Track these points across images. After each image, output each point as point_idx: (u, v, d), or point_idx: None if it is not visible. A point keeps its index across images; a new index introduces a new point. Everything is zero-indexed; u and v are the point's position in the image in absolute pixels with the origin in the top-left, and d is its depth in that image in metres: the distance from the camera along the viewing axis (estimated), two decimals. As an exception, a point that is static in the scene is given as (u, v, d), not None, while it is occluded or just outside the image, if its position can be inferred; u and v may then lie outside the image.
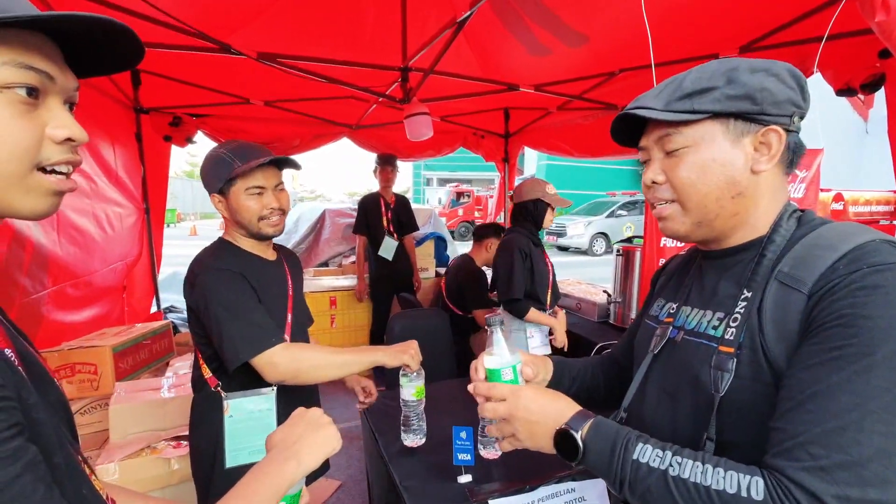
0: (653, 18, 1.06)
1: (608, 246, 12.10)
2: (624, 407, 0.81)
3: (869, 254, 0.54)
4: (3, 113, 0.39)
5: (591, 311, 2.90)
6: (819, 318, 0.54)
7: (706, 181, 0.65)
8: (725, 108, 0.62)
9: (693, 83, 0.64)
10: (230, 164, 1.15)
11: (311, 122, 3.38)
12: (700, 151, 0.65)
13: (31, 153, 0.41)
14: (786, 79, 0.62)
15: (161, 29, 1.69)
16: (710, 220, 0.67)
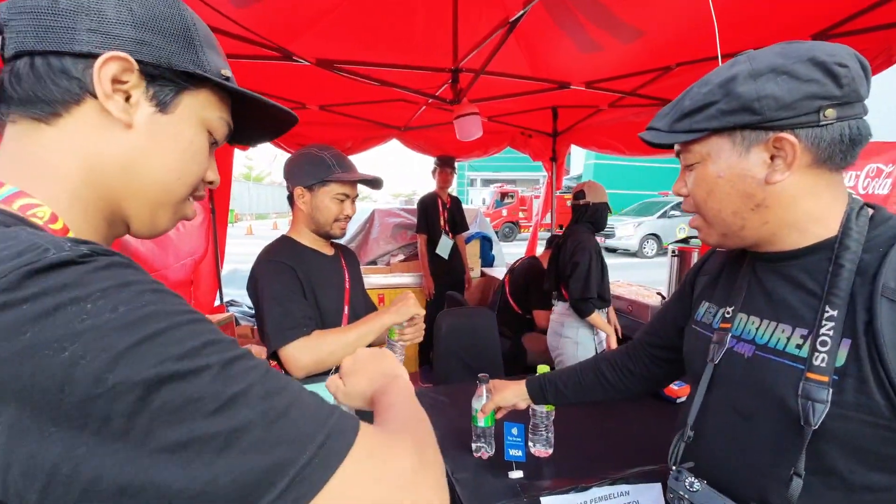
0: (717, 5, 1.02)
1: (659, 248, 11.61)
2: (691, 424, 0.74)
3: None
4: (202, 150, 0.52)
5: (643, 314, 2.81)
6: None
7: (717, 197, 0.64)
8: (722, 125, 0.60)
9: (692, 101, 0.63)
10: (330, 168, 1.24)
11: (363, 124, 3.48)
12: (708, 167, 0.64)
13: (198, 180, 0.53)
14: (802, 73, 0.56)
15: (226, 39, 1.81)
16: (735, 232, 0.65)
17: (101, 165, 0.44)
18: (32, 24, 0.42)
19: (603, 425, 1.51)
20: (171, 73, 0.47)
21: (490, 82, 2.56)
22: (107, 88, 0.43)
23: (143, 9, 0.45)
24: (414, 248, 4.00)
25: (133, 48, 0.44)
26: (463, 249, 3.75)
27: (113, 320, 0.31)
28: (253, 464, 0.31)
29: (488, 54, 2.05)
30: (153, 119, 0.46)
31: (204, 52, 0.49)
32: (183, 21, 0.48)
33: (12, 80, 0.42)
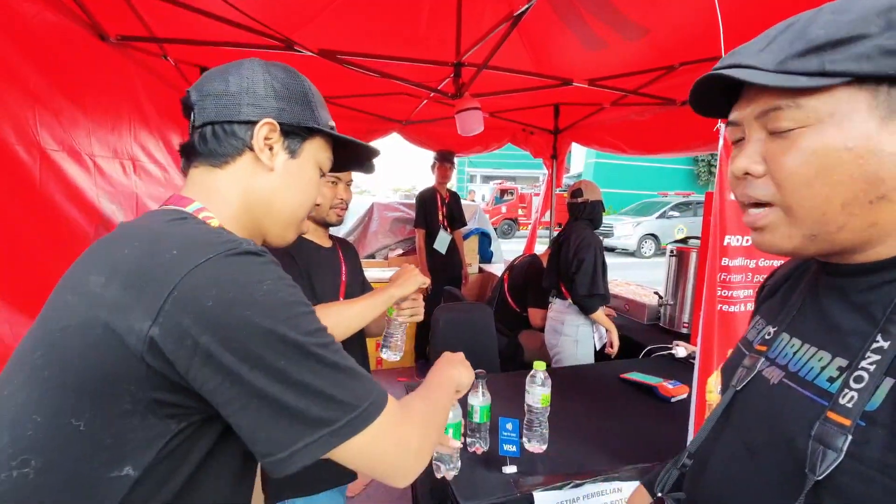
0: (724, 4, 1.01)
1: (657, 248, 11.63)
2: (689, 452, 0.63)
3: None
4: (316, 183, 0.71)
5: (640, 313, 2.82)
6: None
7: (830, 179, 0.43)
8: (879, 69, 0.40)
9: (827, 29, 0.42)
10: None
11: (364, 117, 3.46)
12: (826, 133, 0.43)
13: (313, 205, 0.73)
14: None
15: (229, 27, 1.79)
16: (830, 233, 0.46)
17: (253, 195, 0.65)
18: (214, 104, 0.63)
19: (597, 423, 1.51)
20: (298, 129, 0.66)
21: (492, 77, 2.54)
22: (261, 144, 0.63)
23: (280, 85, 0.65)
24: (412, 243, 4.00)
25: (276, 114, 0.64)
26: (461, 245, 3.75)
27: (275, 299, 0.51)
28: (337, 404, 0.51)
29: (491, 49, 2.04)
30: (287, 163, 0.66)
31: (318, 111, 0.69)
32: (304, 90, 0.67)
33: (201, 140, 0.63)
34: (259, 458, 0.50)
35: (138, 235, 0.53)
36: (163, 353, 0.46)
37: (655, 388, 1.72)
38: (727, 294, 1.04)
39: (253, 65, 0.65)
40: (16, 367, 0.50)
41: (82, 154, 1.56)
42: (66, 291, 0.51)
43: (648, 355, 2.25)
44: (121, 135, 1.91)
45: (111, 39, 1.72)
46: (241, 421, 0.49)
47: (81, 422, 0.46)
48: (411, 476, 0.60)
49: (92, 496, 0.47)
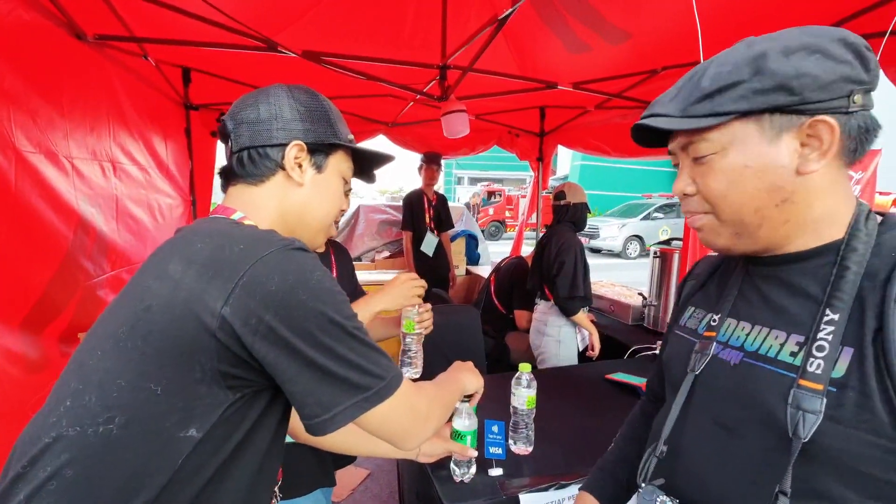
0: (703, 12, 1.03)
1: (643, 249, 11.78)
2: (664, 439, 0.67)
3: None
4: (340, 192, 0.81)
5: (624, 314, 2.85)
6: None
7: (740, 191, 0.55)
8: (754, 106, 0.53)
9: (713, 80, 0.55)
10: None
11: (350, 119, 3.42)
12: (730, 157, 0.55)
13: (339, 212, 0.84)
14: (835, 53, 0.50)
15: (210, 28, 1.77)
16: (752, 232, 0.58)
17: (287, 207, 0.74)
18: (248, 131, 0.72)
19: (582, 423, 1.52)
20: (323, 146, 0.75)
21: (478, 80, 2.55)
22: (291, 164, 0.73)
23: (304, 107, 0.74)
24: (399, 245, 3.99)
25: (303, 136, 0.73)
26: (448, 247, 3.75)
27: (324, 287, 0.61)
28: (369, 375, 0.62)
29: (476, 52, 2.05)
30: (314, 178, 0.76)
31: (338, 126, 0.77)
32: (325, 110, 0.77)
33: (238, 164, 0.73)
34: (306, 420, 0.60)
35: (206, 234, 0.62)
36: (232, 329, 0.55)
37: (639, 388, 1.73)
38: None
39: (279, 91, 0.74)
40: (101, 339, 0.60)
41: (59, 156, 1.52)
42: (148, 277, 0.61)
43: (633, 355, 2.28)
44: (100, 136, 1.88)
45: (88, 39, 1.69)
46: (294, 387, 0.59)
47: (159, 387, 0.55)
48: (420, 440, 0.74)
49: (163, 452, 0.56)
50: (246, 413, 0.61)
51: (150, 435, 0.56)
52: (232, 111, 0.74)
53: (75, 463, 0.54)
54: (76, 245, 1.58)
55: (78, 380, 0.58)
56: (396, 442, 0.70)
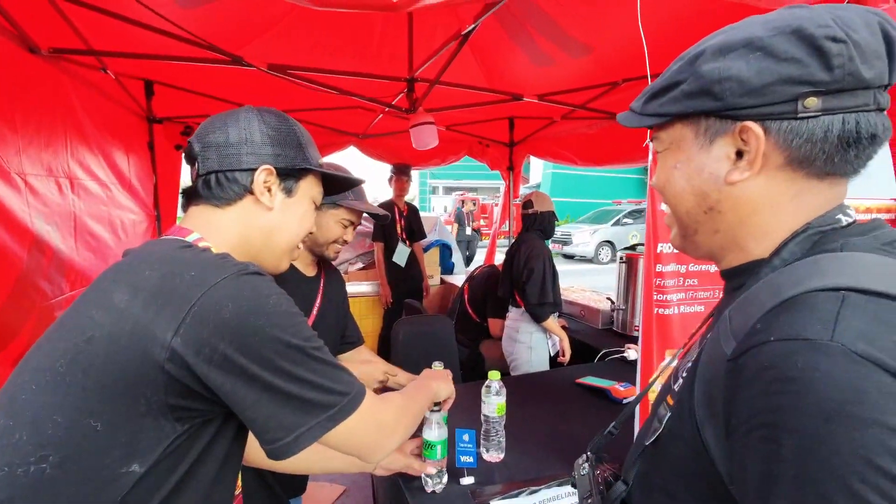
0: (650, 31, 1.09)
1: (614, 254, 12.07)
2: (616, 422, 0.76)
3: (794, 314, 0.39)
4: (311, 215, 0.80)
5: (594, 318, 2.91)
6: (742, 415, 0.40)
7: (673, 191, 0.55)
8: (683, 109, 0.50)
9: (662, 78, 0.53)
10: (346, 193, 1.24)
11: (320, 131, 3.43)
12: (669, 157, 0.54)
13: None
14: (779, 49, 0.44)
15: (173, 41, 1.75)
16: (690, 235, 0.56)
17: (254, 231, 0.73)
18: (216, 154, 0.70)
19: (553, 428, 1.55)
20: (293, 171, 0.75)
21: (447, 92, 2.59)
22: (261, 188, 0.72)
23: (274, 131, 0.73)
24: (371, 257, 3.96)
25: (273, 160, 0.72)
26: (421, 257, 3.75)
27: (280, 311, 0.61)
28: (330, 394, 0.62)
29: (443, 65, 2.08)
30: (284, 202, 0.75)
31: (308, 151, 0.77)
32: (295, 134, 0.76)
33: (204, 186, 0.71)
34: (268, 444, 0.59)
35: (156, 260, 0.60)
36: (183, 360, 0.54)
37: (608, 391, 1.78)
38: (662, 298, 1.11)
39: (249, 115, 0.73)
40: (36, 372, 0.57)
41: (11, 173, 1.47)
42: (91, 307, 0.58)
43: (603, 359, 2.33)
44: (56, 152, 1.82)
45: (42, 52, 1.64)
46: (254, 414, 0.58)
47: (99, 422, 0.53)
48: (387, 451, 0.75)
49: (102, 491, 0.53)
50: (192, 444, 0.59)
51: (88, 473, 0.53)
52: (200, 133, 0.72)
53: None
54: (31, 265, 1.52)
55: (7, 416, 0.55)
56: (362, 455, 0.70)
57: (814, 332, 0.37)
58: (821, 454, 0.34)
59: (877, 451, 0.32)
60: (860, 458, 0.32)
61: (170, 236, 0.69)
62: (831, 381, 0.34)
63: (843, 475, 0.32)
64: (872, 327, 0.36)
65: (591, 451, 0.75)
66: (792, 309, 0.40)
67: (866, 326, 0.36)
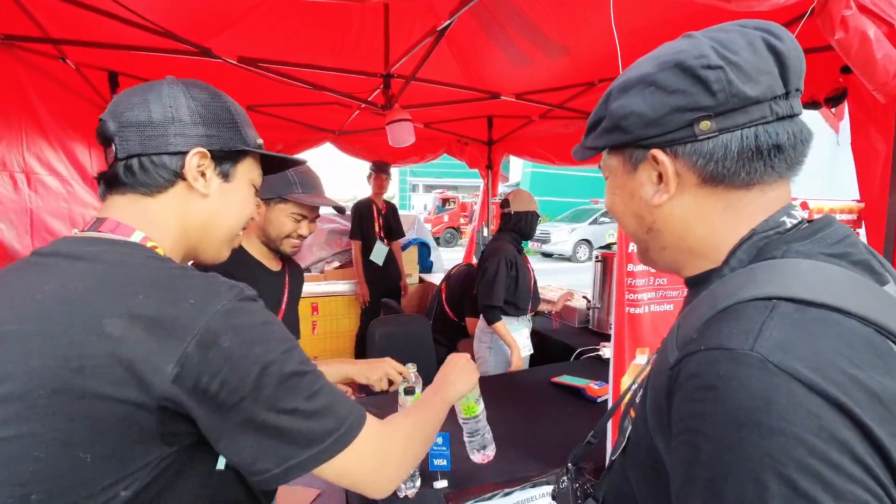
0: (624, 33, 1.09)
1: (591, 253, 12.25)
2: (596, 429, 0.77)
3: (722, 323, 0.41)
4: (251, 200, 0.73)
5: (570, 317, 2.93)
6: (674, 420, 0.42)
7: (616, 214, 0.59)
8: (606, 143, 0.55)
9: (592, 116, 0.58)
10: (291, 186, 1.21)
11: (295, 127, 3.36)
12: (610, 184, 0.59)
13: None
14: (666, 83, 0.48)
15: (139, 31, 1.67)
16: (643, 252, 0.60)
17: (190, 221, 0.66)
18: (138, 136, 0.61)
19: (528, 428, 1.55)
20: (230, 153, 0.67)
21: (425, 89, 2.57)
22: (194, 174, 0.63)
23: (205, 109, 0.64)
24: (349, 255, 3.91)
25: (206, 142, 0.64)
26: (399, 256, 3.72)
27: (275, 339, 0.58)
28: (323, 425, 0.58)
29: (419, 61, 2.05)
30: (221, 187, 0.67)
31: (244, 131, 0.68)
32: (230, 113, 0.66)
33: (126, 172, 0.62)
34: (255, 475, 0.56)
35: (146, 282, 0.55)
36: (182, 391, 0.52)
37: (583, 389, 1.79)
38: (633, 297, 1.11)
39: (173, 89, 0.63)
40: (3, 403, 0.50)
41: (-42, 167, 1.38)
42: (76, 332, 0.51)
43: (579, 357, 2.35)
44: (10, 145, 1.72)
45: (-6, 39, 1.55)
46: (243, 444, 0.55)
47: (89, 454, 0.50)
48: (391, 487, 0.66)
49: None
50: (179, 462, 0.57)
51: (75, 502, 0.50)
52: (114, 109, 0.62)
53: None
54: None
55: None
56: (365, 491, 0.64)
57: (736, 341, 0.38)
58: (730, 460, 0.35)
59: (782, 459, 0.33)
60: (766, 466, 0.33)
61: (111, 235, 0.60)
62: (746, 389, 0.35)
63: (747, 481, 0.34)
64: (794, 337, 0.37)
65: (571, 464, 0.75)
66: (723, 319, 0.41)
67: (787, 336, 0.37)
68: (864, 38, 1.19)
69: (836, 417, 0.33)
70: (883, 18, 1.22)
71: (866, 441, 0.33)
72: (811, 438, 0.32)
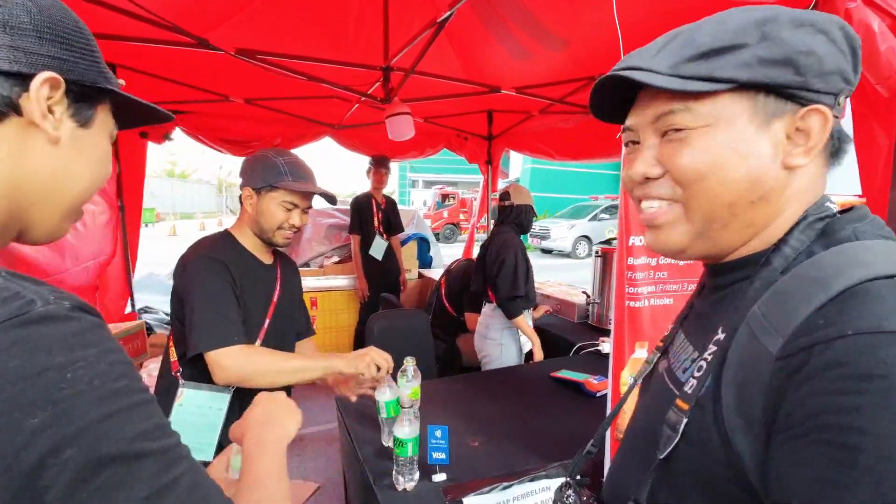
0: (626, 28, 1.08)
1: (591, 249, 12.26)
2: (594, 440, 0.69)
3: (864, 305, 0.35)
4: (109, 157, 0.53)
5: (570, 312, 2.93)
6: (796, 416, 0.36)
7: (720, 177, 0.46)
8: (756, 77, 0.43)
9: (713, 37, 0.45)
10: (281, 174, 1.21)
11: (294, 121, 3.35)
12: (714, 135, 0.46)
13: None
14: (838, 39, 0.43)
15: (136, 22, 1.66)
16: (714, 232, 0.49)
17: (25, 179, 0.45)
18: None
19: (527, 422, 1.55)
20: (90, 90, 0.48)
21: (425, 83, 2.55)
22: (42, 109, 0.44)
23: (58, 25, 0.45)
24: (348, 250, 3.90)
25: (57, 66, 0.44)
26: (398, 251, 3.71)
27: (86, 393, 0.34)
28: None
29: (419, 54, 2.04)
30: (76, 135, 0.48)
31: (103, 64, 0.50)
32: (84, 34, 0.48)
33: None
34: None
35: None
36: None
37: (582, 384, 1.79)
38: (633, 291, 1.11)
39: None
40: None
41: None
42: None
43: (578, 352, 2.35)
44: None
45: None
46: None
47: None
48: None
49: None
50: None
51: None
52: None
53: None
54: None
55: None
56: None
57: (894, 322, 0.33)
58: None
59: None
60: None
61: None
62: None
63: None
64: None
65: (570, 477, 0.69)
66: (855, 300, 0.36)
67: None
68: (868, 31, 1.18)
69: None
70: (888, 11, 1.21)
71: None
72: None
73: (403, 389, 1.29)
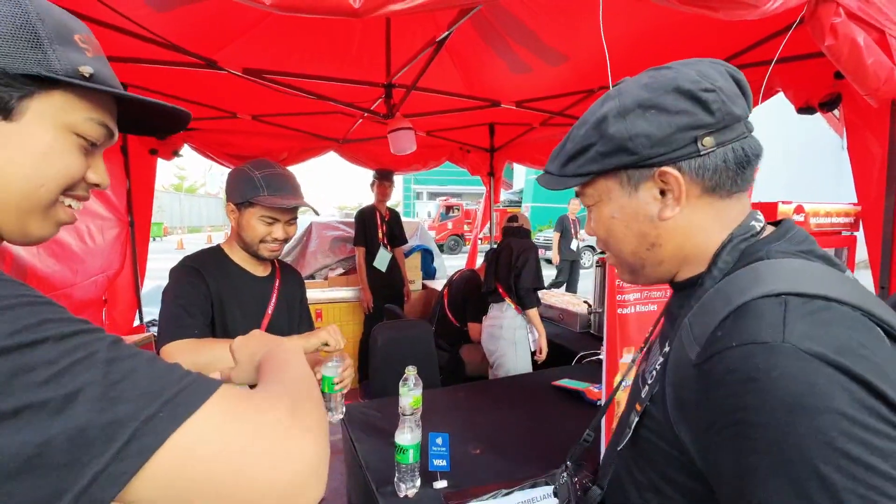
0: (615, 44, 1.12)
1: (595, 258, 12.23)
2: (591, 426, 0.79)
3: (746, 320, 0.44)
4: (66, 154, 0.48)
5: (572, 322, 2.94)
6: (714, 414, 0.45)
7: (616, 238, 0.61)
8: (604, 167, 0.57)
9: (574, 144, 0.60)
10: (257, 188, 1.20)
11: (299, 136, 3.41)
12: (602, 208, 0.61)
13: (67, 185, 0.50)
14: (669, 106, 0.53)
15: (148, 45, 1.72)
16: (639, 271, 0.63)
17: None
18: None
19: (529, 430, 1.56)
20: (8, 78, 0.43)
21: (426, 98, 2.61)
22: None
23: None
24: (353, 262, 3.95)
25: None
26: (402, 262, 3.75)
27: None
28: (89, 421, 0.32)
29: (420, 70, 2.10)
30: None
31: (53, 50, 0.45)
32: (25, 17, 0.44)
33: None
34: None
35: None
36: None
37: (583, 392, 1.80)
38: (622, 298, 1.13)
39: None
40: None
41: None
42: None
43: (580, 362, 2.36)
44: None
45: None
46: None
47: None
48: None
49: None
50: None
51: None
52: None
53: None
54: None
55: None
56: None
57: (767, 335, 0.42)
58: (788, 443, 0.38)
59: (833, 434, 0.37)
60: (821, 442, 0.37)
61: None
62: (788, 377, 0.39)
63: (810, 458, 0.37)
64: (813, 327, 0.41)
65: (569, 461, 0.79)
66: (744, 316, 0.45)
67: (808, 327, 0.41)
68: (853, 45, 1.21)
69: (861, 389, 0.38)
70: (873, 25, 1.25)
71: (886, 405, 0.37)
72: (850, 410, 0.37)
73: (405, 398, 1.31)
